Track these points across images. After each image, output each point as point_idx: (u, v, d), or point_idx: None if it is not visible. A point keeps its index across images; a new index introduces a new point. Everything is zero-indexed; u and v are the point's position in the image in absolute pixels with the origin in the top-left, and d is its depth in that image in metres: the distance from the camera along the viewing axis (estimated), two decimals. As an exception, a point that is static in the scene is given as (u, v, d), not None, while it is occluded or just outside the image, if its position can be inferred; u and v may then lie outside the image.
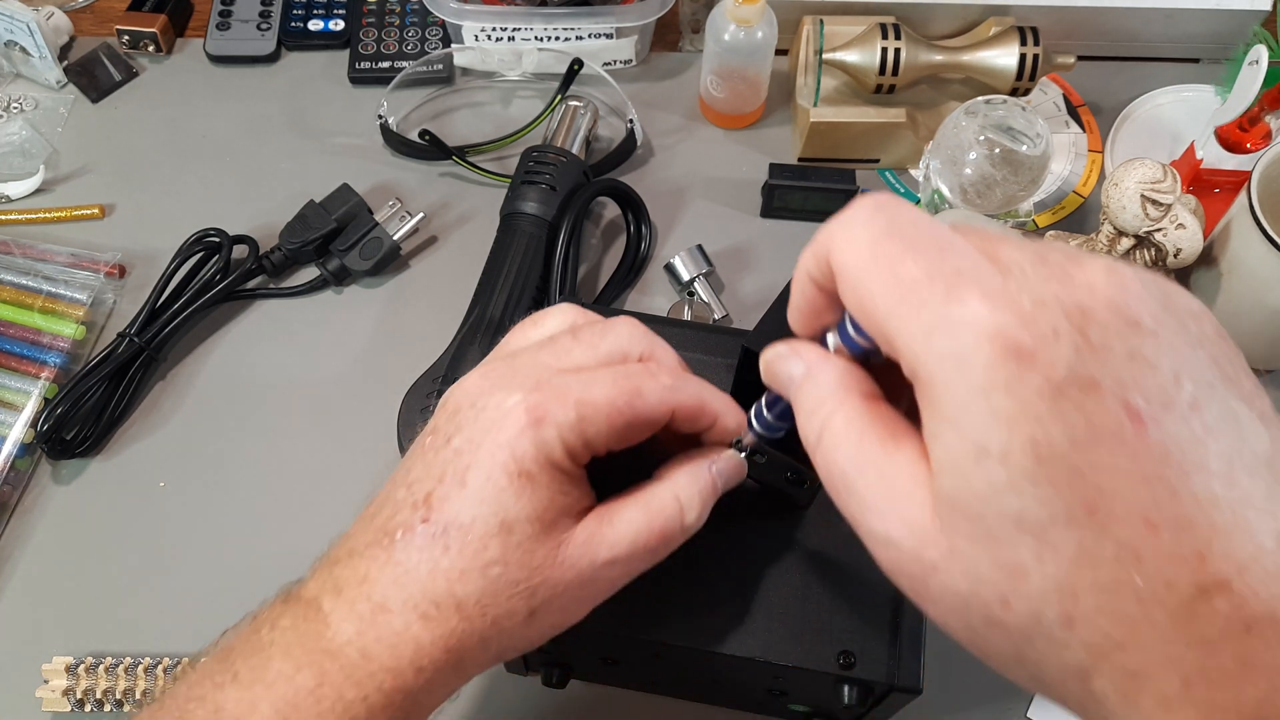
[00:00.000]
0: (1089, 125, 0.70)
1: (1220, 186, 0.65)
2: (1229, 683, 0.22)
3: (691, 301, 0.62)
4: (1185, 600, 0.22)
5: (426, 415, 0.55)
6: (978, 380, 0.23)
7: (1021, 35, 0.63)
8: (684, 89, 0.73)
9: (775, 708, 0.46)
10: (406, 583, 0.31)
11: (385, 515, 0.32)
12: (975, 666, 0.49)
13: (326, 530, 0.35)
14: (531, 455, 0.31)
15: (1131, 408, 0.22)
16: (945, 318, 0.23)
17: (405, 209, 0.64)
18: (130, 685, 0.49)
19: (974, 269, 0.24)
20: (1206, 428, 0.22)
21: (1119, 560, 0.22)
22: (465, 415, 0.32)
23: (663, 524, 0.33)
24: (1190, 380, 0.23)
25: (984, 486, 0.23)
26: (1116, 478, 0.22)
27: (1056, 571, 0.23)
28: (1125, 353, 0.23)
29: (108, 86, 0.73)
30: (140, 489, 0.57)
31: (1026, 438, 0.22)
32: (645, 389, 0.32)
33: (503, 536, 0.31)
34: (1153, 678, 0.22)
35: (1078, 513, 0.22)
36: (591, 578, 0.32)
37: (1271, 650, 0.22)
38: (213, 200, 0.67)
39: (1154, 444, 0.22)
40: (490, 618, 0.31)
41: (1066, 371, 0.22)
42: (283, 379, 0.61)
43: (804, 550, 0.39)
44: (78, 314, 0.61)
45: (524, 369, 0.33)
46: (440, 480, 0.32)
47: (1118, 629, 0.22)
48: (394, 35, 0.74)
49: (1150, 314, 0.23)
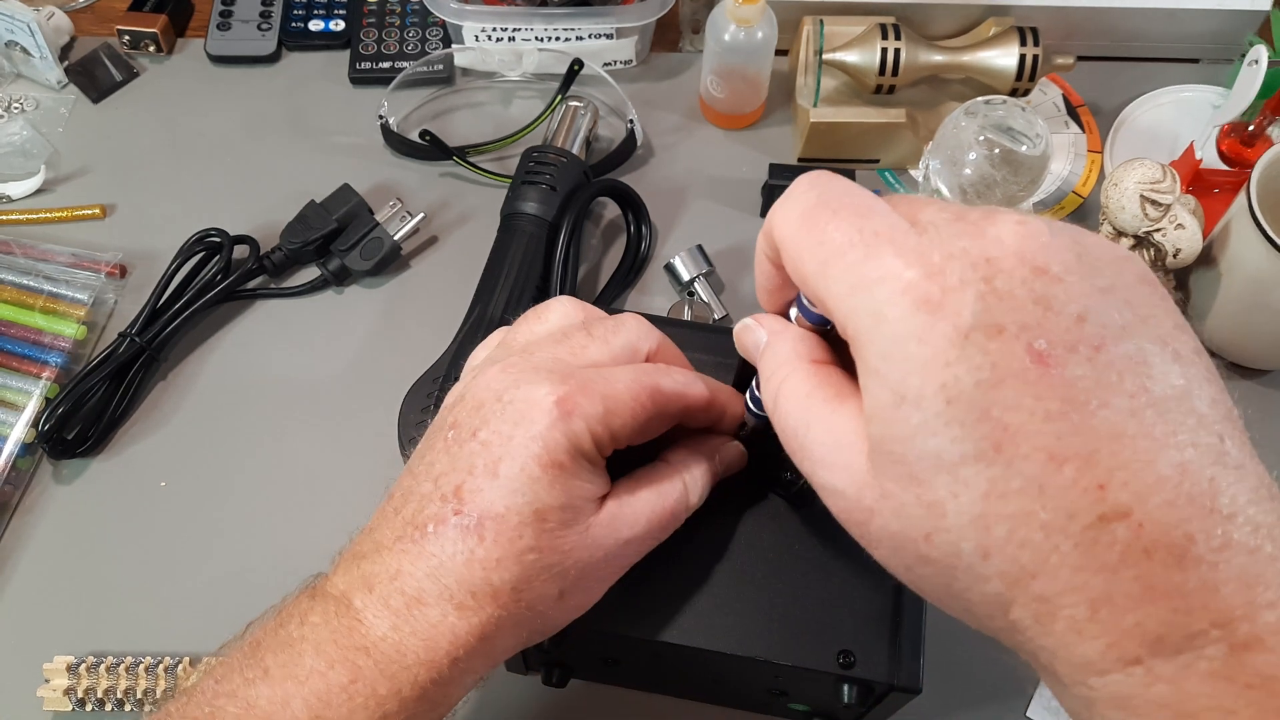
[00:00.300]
0: (1088, 125, 0.70)
1: (1220, 187, 0.65)
2: (1132, 606, 0.23)
3: (691, 301, 0.62)
4: (1087, 528, 0.23)
5: (427, 415, 0.55)
6: (893, 331, 0.25)
7: (1021, 35, 0.63)
8: (684, 89, 0.73)
9: (775, 707, 0.46)
10: (441, 574, 0.31)
11: (412, 509, 0.33)
12: (975, 666, 0.49)
13: (326, 530, 0.35)
14: (564, 446, 0.32)
15: (1034, 350, 0.23)
16: (864, 276, 0.25)
17: (406, 209, 0.64)
18: (131, 684, 0.50)
19: (890, 230, 0.26)
20: (1112, 366, 0.24)
21: (1024, 493, 0.23)
22: (491, 409, 0.33)
23: (672, 504, 0.35)
24: (1096, 322, 0.24)
25: (904, 430, 0.25)
26: (1021, 415, 0.23)
27: (970, 506, 0.24)
28: (1030, 298, 0.24)
29: (108, 86, 0.73)
30: (141, 489, 0.57)
31: (937, 381, 0.24)
32: (663, 385, 0.34)
33: (536, 524, 0.32)
34: (1063, 604, 0.24)
35: (986, 450, 0.24)
36: (615, 555, 0.34)
37: (1170, 574, 0.23)
38: (213, 200, 0.67)
39: (1057, 383, 0.23)
40: (525, 602, 0.32)
41: (972, 318, 0.24)
42: (283, 379, 0.61)
43: (804, 550, 0.39)
44: (79, 314, 0.61)
45: (545, 363, 0.34)
46: (470, 472, 0.32)
47: (1028, 558, 0.24)
48: (394, 35, 0.75)
49: (1059, 261, 0.24)
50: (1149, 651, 0.23)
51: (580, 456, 0.32)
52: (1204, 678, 0.23)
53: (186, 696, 0.32)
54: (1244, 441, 0.25)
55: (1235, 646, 0.23)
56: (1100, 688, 0.24)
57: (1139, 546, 0.23)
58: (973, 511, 0.24)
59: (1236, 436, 0.24)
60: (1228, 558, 0.23)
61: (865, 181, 0.68)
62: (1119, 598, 0.23)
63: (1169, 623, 0.23)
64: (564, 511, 0.32)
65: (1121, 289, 0.25)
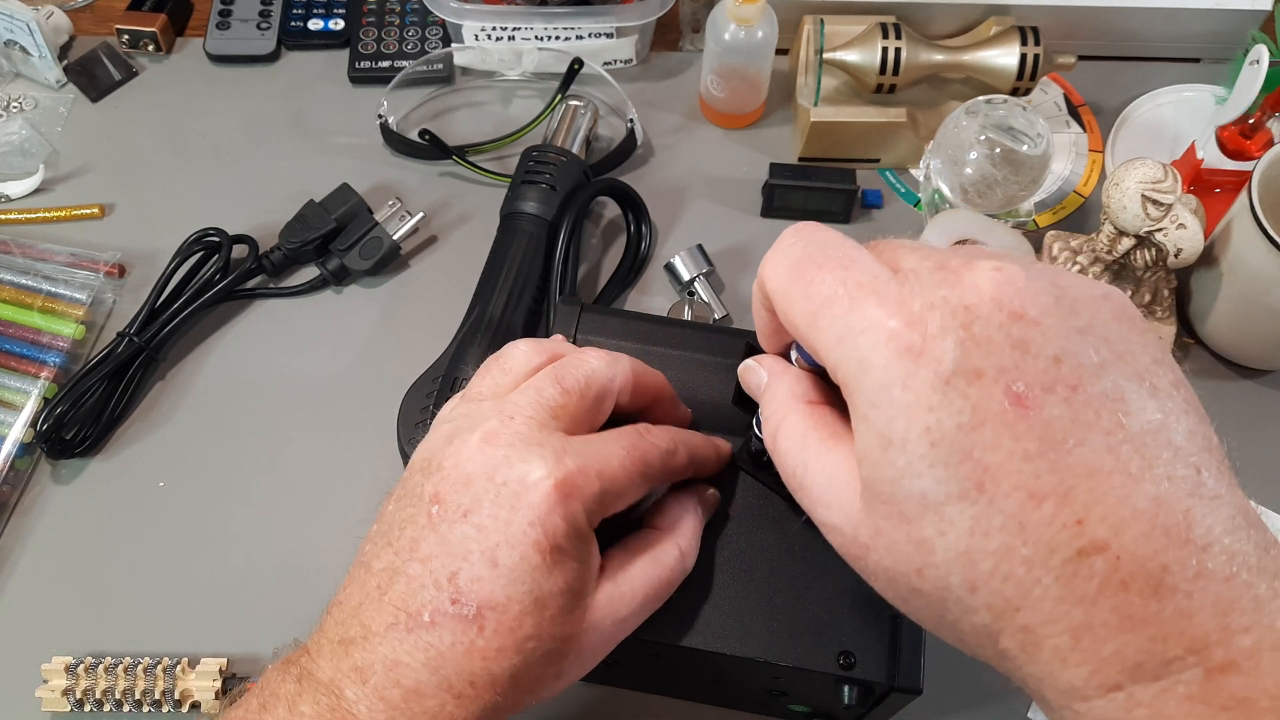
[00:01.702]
0: (1090, 125, 0.70)
1: (1221, 186, 0.65)
2: (1111, 635, 0.24)
3: (692, 301, 0.62)
4: (1066, 562, 0.24)
5: (426, 415, 0.55)
6: (878, 379, 0.26)
7: (1022, 35, 0.63)
8: (684, 89, 0.72)
9: (775, 708, 0.46)
10: (440, 666, 0.31)
11: (400, 592, 0.31)
12: (975, 667, 0.49)
13: (325, 530, 0.35)
14: (563, 530, 0.31)
15: (1012, 392, 0.25)
16: (849, 327, 0.27)
17: (405, 209, 0.64)
18: (130, 685, 0.49)
19: (873, 280, 0.27)
20: (1089, 405, 0.25)
21: (1006, 529, 0.25)
22: (482, 489, 0.32)
23: (669, 574, 0.36)
24: (1072, 363, 0.25)
25: (892, 471, 0.26)
26: (1000, 456, 0.25)
27: (956, 543, 0.25)
28: (1008, 343, 0.25)
29: (107, 86, 0.73)
30: (140, 489, 0.57)
31: (921, 425, 0.25)
32: (652, 457, 0.35)
33: (536, 613, 0.31)
34: (1047, 634, 0.25)
35: (969, 489, 0.25)
36: (612, 634, 0.34)
37: (1146, 603, 0.24)
38: (212, 200, 0.67)
39: (1035, 423, 0.25)
40: (523, 688, 0.32)
41: (952, 364, 0.25)
42: (283, 379, 0.61)
43: (804, 550, 0.39)
44: (77, 314, 0.61)
45: (531, 434, 0.33)
46: (465, 559, 0.31)
47: (1012, 591, 0.25)
48: (394, 35, 0.74)
49: (1036, 305, 0.26)
50: (1129, 678, 0.24)
51: (578, 538, 0.32)
52: (1181, 701, 0.24)
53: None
54: (1222, 470, 0.26)
55: (1211, 671, 0.24)
56: (1086, 712, 0.25)
57: (1116, 579, 0.24)
58: (959, 548, 0.25)
59: (1213, 466, 0.25)
60: (1202, 586, 0.24)
61: (866, 181, 0.68)
62: (1099, 627, 0.24)
63: (1147, 650, 0.24)
64: (563, 597, 0.32)
65: (1099, 327, 0.26)
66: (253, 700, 0.32)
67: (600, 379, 0.36)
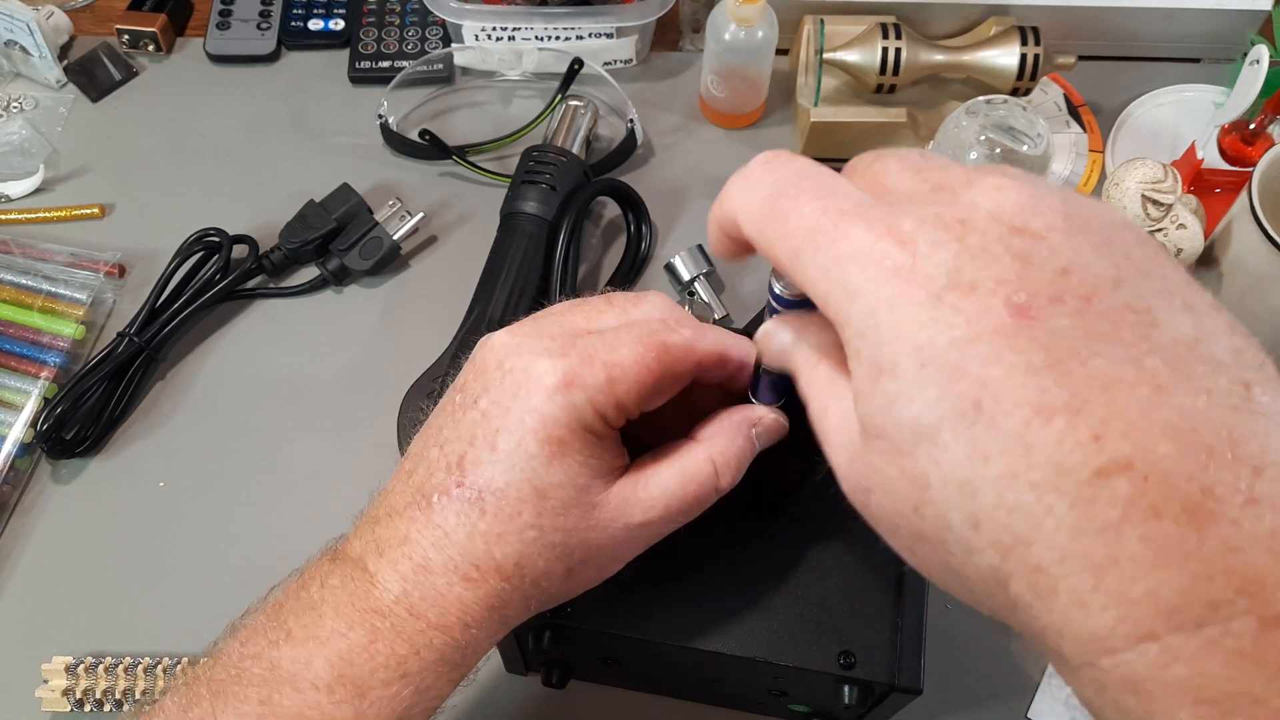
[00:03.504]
0: (1090, 125, 0.70)
1: (1221, 186, 0.65)
2: (1142, 572, 0.20)
3: (692, 301, 0.62)
4: (1082, 484, 0.21)
5: (427, 415, 0.55)
6: (867, 305, 0.24)
7: (1022, 35, 0.63)
8: (684, 89, 0.72)
9: (775, 708, 0.46)
10: (446, 545, 0.31)
11: (421, 475, 0.32)
12: (975, 666, 0.49)
13: (325, 529, 0.35)
14: (563, 421, 0.31)
15: (1013, 303, 0.22)
16: (835, 256, 0.24)
17: (405, 209, 0.64)
18: (130, 685, 0.49)
19: (857, 206, 0.25)
20: (1105, 317, 0.22)
21: (1009, 452, 0.21)
22: (492, 376, 0.32)
23: (697, 489, 0.33)
24: (1084, 275, 0.22)
25: (883, 400, 0.23)
26: (1000, 370, 0.22)
27: (953, 471, 0.22)
28: (1007, 254, 0.23)
29: (107, 86, 0.73)
30: (140, 489, 0.57)
31: (911, 345, 0.23)
32: (669, 343, 0.32)
33: (536, 502, 0.31)
34: (1063, 573, 0.21)
35: (965, 409, 0.22)
36: (625, 539, 0.33)
37: (1184, 534, 0.20)
38: (213, 200, 0.67)
39: (1040, 335, 0.22)
40: (529, 578, 0.32)
41: (944, 278, 0.23)
42: (283, 379, 0.61)
43: (804, 550, 0.39)
44: (77, 314, 0.61)
45: (550, 329, 0.33)
46: (471, 443, 0.32)
47: (1020, 523, 0.21)
48: (394, 35, 0.74)
49: (1041, 219, 0.23)
50: (1165, 625, 0.20)
51: (583, 431, 0.31)
52: (1230, 656, 0.20)
53: (213, 659, 0.32)
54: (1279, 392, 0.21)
55: (1267, 621, 0.20)
56: (1111, 669, 0.21)
57: (1145, 503, 0.20)
58: (956, 477, 0.22)
59: (1269, 385, 0.21)
60: (1255, 514, 0.20)
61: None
62: (1126, 562, 0.20)
63: (1187, 591, 0.20)
64: (565, 489, 0.31)
65: (1118, 245, 0.23)
66: (293, 583, 0.34)
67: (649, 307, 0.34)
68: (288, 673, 0.31)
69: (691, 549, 0.38)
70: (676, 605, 0.38)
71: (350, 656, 0.31)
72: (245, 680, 0.31)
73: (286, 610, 0.32)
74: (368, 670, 0.31)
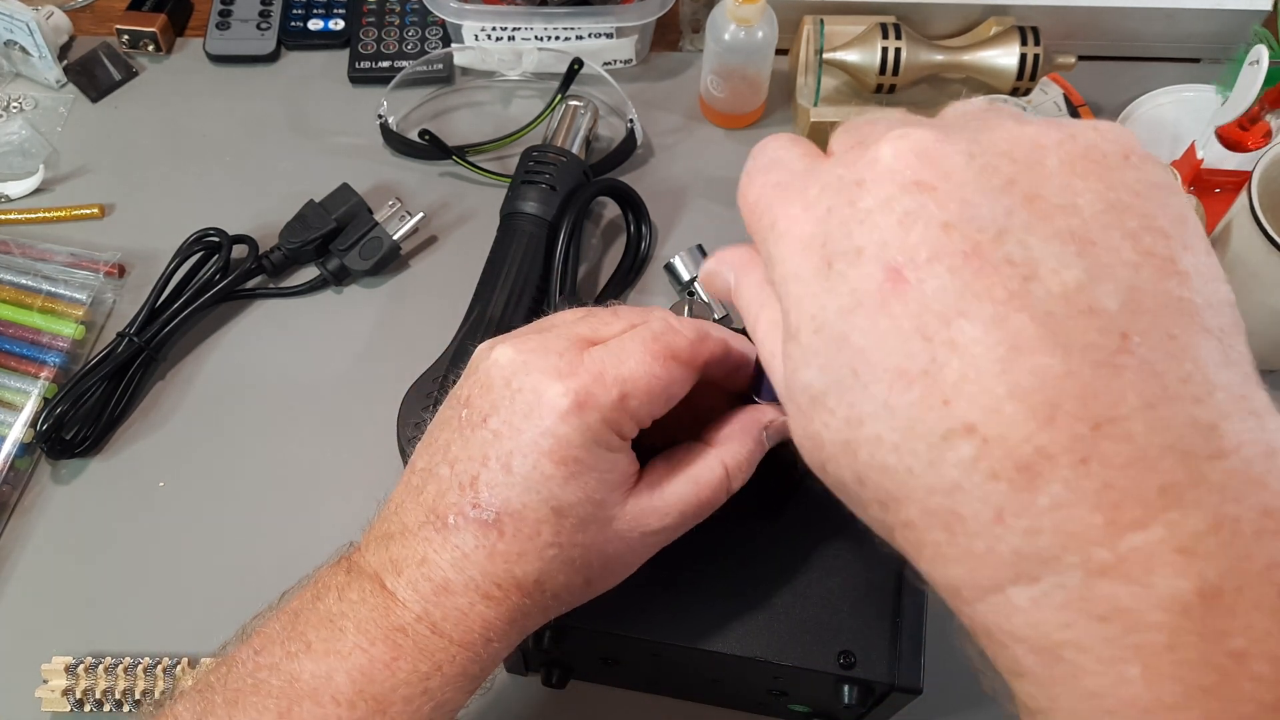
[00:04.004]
0: (1089, 125, 0.70)
1: (1221, 186, 0.65)
2: (982, 529, 0.22)
3: (692, 301, 0.62)
4: (932, 447, 0.22)
5: (426, 415, 0.55)
6: (781, 274, 0.25)
7: (1022, 35, 0.63)
8: (684, 89, 0.72)
9: (775, 708, 0.46)
10: (465, 566, 0.31)
11: (432, 493, 0.32)
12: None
13: (325, 530, 0.35)
14: (577, 442, 0.31)
15: (891, 267, 0.23)
16: (767, 227, 0.26)
17: (405, 209, 0.64)
18: (130, 685, 0.49)
19: (789, 177, 0.26)
20: (981, 273, 0.22)
21: (876, 416, 0.23)
22: (500, 394, 0.32)
23: (710, 493, 0.34)
24: (966, 229, 0.22)
25: (790, 365, 0.25)
26: (874, 337, 0.23)
27: (837, 434, 0.24)
28: (892, 215, 0.23)
29: (107, 86, 0.73)
30: (140, 489, 0.57)
31: (808, 314, 0.24)
32: (675, 346, 0.33)
33: (554, 521, 0.31)
34: (927, 528, 0.23)
35: (845, 376, 0.23)
36: (641, 546, 0.33)
37: (1018, 495, 0.21)
38: (212, 200, 0.67)
39: (912, 300, 0.22)
40: (549, 592, 0.32)
41: (836, 246, 0.24)
42: (283, 379, 0.61)
43: (804, 550, 0.39)
44: (77, 314, 0.61)
45: (556, 344, 0.32)
46: (484, 464, 0.31)
47: (890, 483, 0.23)
48: (394, 35, 0.74)
49: (935, 170, 0.23)
50: (1009, 578, 0.22)
51: (598, 448, 0.31)
52: (1058, 608, 0.21)
53: (226, 666, 0.32)
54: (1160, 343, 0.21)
55: (1090, 573, 0.20)
56: (972, 616, 0.23)
57: (984, 465, 0.21)
58: (840, 439, 0.24)
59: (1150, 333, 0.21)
60: (1086, 472, 0.20)
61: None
62: (970, 520, 0.22)
63: (1022, 548, 0.21)
64: (583, 506, 0.31)
65: (1028, 181, 0.23)
66: (307, 591, 0.33)
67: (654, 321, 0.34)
68: (308, 686, 0.31)
69: (692, 549, 0.38)
70: (677, 605, 0.38)
71: (372, 672, 0.31)
72: (263, 691, 0.31)
73: (304, 621, 0.32)
74: (389, 686, 0.31)
